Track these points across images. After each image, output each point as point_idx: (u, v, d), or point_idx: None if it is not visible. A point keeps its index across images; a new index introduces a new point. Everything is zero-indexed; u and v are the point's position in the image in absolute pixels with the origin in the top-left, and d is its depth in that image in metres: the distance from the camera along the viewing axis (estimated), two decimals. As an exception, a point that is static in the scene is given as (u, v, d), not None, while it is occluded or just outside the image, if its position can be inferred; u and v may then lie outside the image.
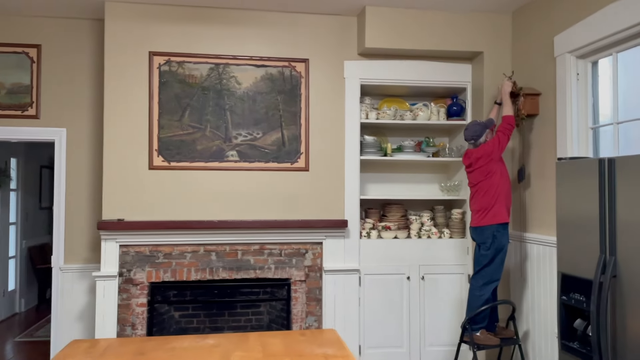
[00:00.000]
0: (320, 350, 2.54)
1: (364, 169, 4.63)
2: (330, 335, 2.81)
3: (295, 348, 2.57)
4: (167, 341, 2.72)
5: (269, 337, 2.78)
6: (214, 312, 4.47)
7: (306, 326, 4.23)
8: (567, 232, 2.30)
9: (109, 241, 3.98)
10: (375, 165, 4.71)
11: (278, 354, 2.48)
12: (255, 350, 2.54)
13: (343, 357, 2.44)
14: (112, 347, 2.62)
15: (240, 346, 2.62)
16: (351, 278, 4.27)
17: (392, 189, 4.76)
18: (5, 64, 4.34)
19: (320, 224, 4.15)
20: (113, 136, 4.05)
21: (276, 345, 2.64)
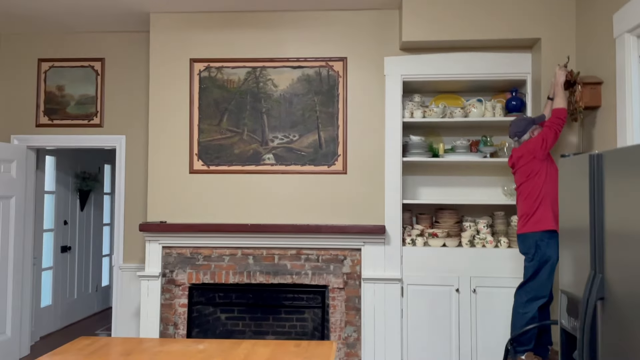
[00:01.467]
0: (300, 364, 2.38)
1: (413, 171, 4.34)
2: (324, 350, 2.63)
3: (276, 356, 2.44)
4: (160, 343, 2.74)
5: (260, 346, 2.68)
6: (258, 316, 4.47)
7: (345, 336, 4.05)
8: (567, 242, 1.89)
9: (152, 242, 4.15)
10: (427, 168, 4.38)
11: None
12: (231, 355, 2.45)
13: (318, 373, 2.26)
14: (107, 346, 2.69)
15: (225, 353, 2.55)
16: (392, 288, 4.01)
17: (446, 192, 4.40)
18: (74, 77, 4.74)
19: (355, 230, 3.96)
20: (157, 141, 4.23)
21: (262, 355, 2.53)
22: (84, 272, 6.43)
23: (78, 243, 6.31)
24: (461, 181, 4.38)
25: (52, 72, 4.75)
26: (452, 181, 4.40)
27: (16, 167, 4.58)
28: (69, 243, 6.10)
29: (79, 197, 6.36)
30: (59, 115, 4.73)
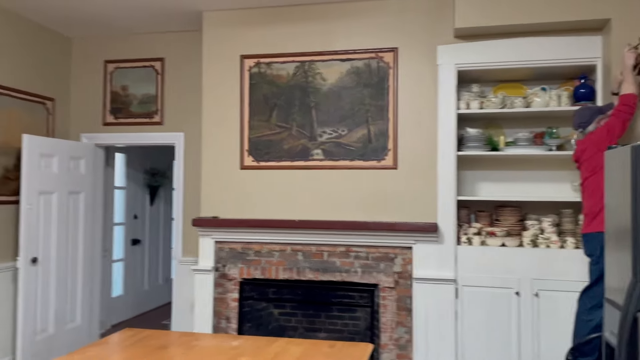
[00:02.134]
0: (328, 366, 2.31)
1: (472, 166, 4.11)
2: (358, 352, 2.53)
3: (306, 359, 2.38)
4: (197, 338, 2.77)
5: (293, 345, 2.63)
6: (310, 313, 4.43)
7: (396, 337, 3.91)
8: (612, 244, 1.65)
9: (205, 237, 4.23)
10: (487, 162, 4.13)
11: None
12: (262, 357, 2.41)
13: (344, 377, 2.17)
14: (147, 338, 2.76)
15: (256, 351, 2.52)
16: (446, 289, 3.81)
17: (507, 188, 4.12)
18: (136, 77, 4.93)
19: (405, 227, 3.80)
20: (210, 138, 4.29)
21: (292, 354, 2.47)
22: (154, 265, 6.72)
23: (148, 236, 6.60)
24: (524, 176, 4.09)
25: (117, 73, 4.97)
26: (514, 176, 4.11)
27: (85, 164, 4.84)
28: (139, 236, 6.39)
29: (149, 192, 6.64)
30: (123, 114, 4.95)
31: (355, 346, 2.63)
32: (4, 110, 4.22)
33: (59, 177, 4.50)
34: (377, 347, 3.96)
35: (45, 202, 4.36)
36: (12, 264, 4.24)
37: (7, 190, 4.24)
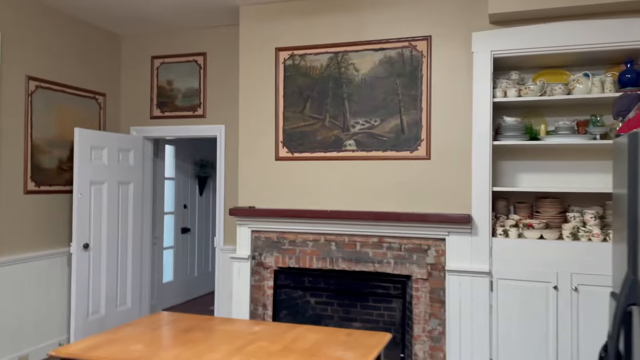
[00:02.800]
0: (341, 353, 2.34)
1: (512, 156, 4.00)
2: (374, 341, 2.55)
3: (321, 347, 2.43)
4: (222, 322, 2.87)
5: (312, 332, 2.68)
6: (346, 302, 4.48)
7: (429, 329, 3.88)
8: (616, 237, 1.56)
9: (242, 226, 4.36)
10: (528, 152, 3.99)
11: (295, 349, 2.38)
12: (278, 343, 2.48)
13: (353, 365, 2.20)
14: (176, 321, 2.90)
15: (274, 336, 2.60)
16: (480, 281, 3.74)
17: (548, 179, 3.97)
18: (181, 72, 5.12)
19: (437, 218, 3.75)
20: (246, 130, 4.40)
21: (307, 341, 2.53)
22: (204, 253, 6.97)
23: (197, 225, 6.85)
24: (567, 166, 3.92)
25: (163, 68, 5.18)
26: (556, 166, 3.95)
27: (133, 155, 5.09)
28: (189, 225, 6.66)
29: (198, 183, 6.89)
30: (169, 107, 5.15)
31: (372, 335, 2.65)
32: (58, 106, 4.51)
33: (108, 168, 4.77)
34: (410, 339, 3.94)
35: (95, 192, 4.63)
36: (66, 249, 4.55)
37: (61, 180, 4.54)
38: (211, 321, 2.92)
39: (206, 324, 2.86)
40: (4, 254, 3.97)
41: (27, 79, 4.20)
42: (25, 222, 4.17)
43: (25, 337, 4.16)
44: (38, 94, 4.30)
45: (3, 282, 3.95)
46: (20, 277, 4.10)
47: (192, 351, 2.36)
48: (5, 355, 3.98)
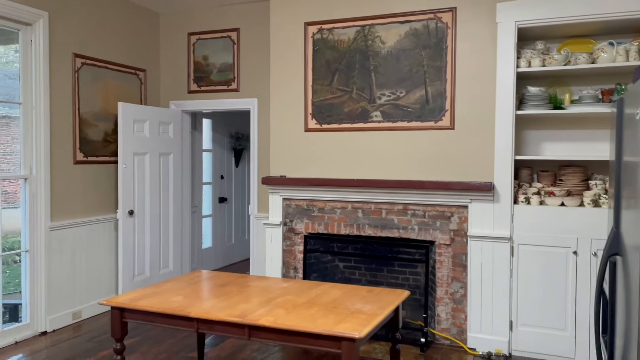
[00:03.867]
0: (360, 306, 2.56)
1: (536, 126, 4.08)
2: (393, 297, 2.76)
3: (343, 300, 2.65)
4: (254, 279, 3.14)
5: (335, 289, 2.91)
6: (373, 267, 4.70)
7: (452, 292, 4.06)
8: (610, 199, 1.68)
9: (274, 194, 4.60)
10: (551, 122, 4.06)
11: (318, 302, 2.61)
12: (304, 296, 2.72)
13: (371, 314, 2.42)
14: (214, 278, 3.18)
15: (300, 291, 2.83)
16: (501, 246, 3.88)
17: (571, 148, 4.03)
18: (216, 47, 5.34)
19: (459, 186, 3.89)
20: (277, 103, 4.60)
21: (331, 295, 2.76)
22: (240, 221, 7.30)
23: (234, 195, 7.16)
24: (591, 135, 3.97)
25: (199, 44, 5.41)
26: (580, 135, 4.01)
27: (173, 128, 5.39)
28: (226, 195, 6.97)
29: (234, 155, 7.17)
30: (205, 82, 5.40)
31: (391, 292, 2.85)
32: (102, 81, 4.82)
33: (150, 140, 5.07)
34: (433, 301, 4.13)
35: (139, 162, 4.95)
36: (113, 215, 4.91)
37: (107, 151, 4.88)
38: (244, 278, 3.18)
39: (240, 280, 3.13)
40: (58, 219, 4.35)
41: (74, 57, 4.50)
42: (75, 190, 4.53)
43: (79, 295, 4.56)
44: (84, 71, 4.61)
45: (58, 244, 4.33)
46: (73, 241, 4.48)
47: (226, 302, 2.62)
48: (61, 310, 4.39)
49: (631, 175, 1.30)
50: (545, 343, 3.77)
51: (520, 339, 3.84)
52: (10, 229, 4.34)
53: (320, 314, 2.41)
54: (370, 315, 2.41)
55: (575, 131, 4.01)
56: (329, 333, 2.21)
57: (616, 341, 1.53)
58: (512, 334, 3.87)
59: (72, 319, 4.47)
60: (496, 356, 3.82)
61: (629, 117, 1.43)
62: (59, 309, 4.37)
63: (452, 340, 4.03)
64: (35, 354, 3.81)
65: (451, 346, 4.00)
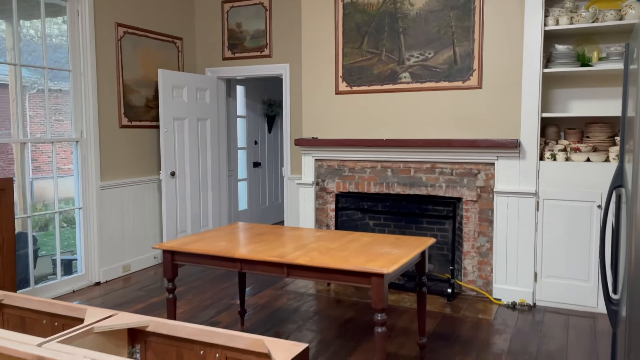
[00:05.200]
0: (388, 250, 2.77)
1: (563, 84, 4.14)
2: (418, 243, 2.96)
3: (372, 246, 2.86)
4: (289, 230, 3.38)
5: (365, 237, 3.12)
6: (402, 224, 4.89)
7: (478, 245, 4.24)
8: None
9: (307, 156, 4.81)
10: (579, 80, 4.11)
11: (350, 247, 2.83)
12: (336, 242, 2.95)
13: (398, 256, 2.63)
14: (252, 229, 3.43)
15: (333, 238, 3.06)
16: (527, 201, 4.01)
17: (598, 105, 4.09)
18: (248, 14, 5.51)
19: (486, 144, 4.01)
20: (309, 67, 4.77)
21: (361, 242, 2.97)
22: (273, 185, 7.57)
23: (267, 160, 7.42)
24: (618, 92, 4.01)
25: (232, 12, 5.59)
26: (607, 93, 4.06)
27: (209, 94, 5.63)
28: (260, 160, 7.23)
29: (267, 121, 7.40)
30: (239, 49, 5.60)
31: (419, 239, 3.05)
32: (143, 49, 5.07)
33: (188, 105, 5.33)
34: (460, 255, 4.32)
35: (178, 127, 5.23)
36: (156, 177, 5.23)
37: (149, 116, 5.16)
38: (281, 229, 3.43)
39: (276, 230, 3.38)
40: (107, 179, 4.67)
41: (117, 26, 4.75)
42: (121, 152, 4.84)
43: (127, 250, 4.92)
44: (126, 39, 4.86)
45: (107, 203, 4.67)
46: (121, 200, 4.82)
47: (265, 247, 2.87)
48: (113, 263, 4.76)
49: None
50: (568, 294, 3.93)
51: (544, 290, 4.01)
52: (62, 197, 4.70)
53: (352, 255, 2.63)
54: (397, 257, 2.62)
55: (602, 89, 4.06)
56: (359, 269, 2.43)
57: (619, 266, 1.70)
58: (537, 285, 4.04)
59: (122, 271, 4.84)
60: (520, 306, 3.99)
61: (633, 72, 1.56)
62: (111, 262, 4.74)
63: (478, 291, 4.22)
64: (92, 300, 4.18)
65: (477, 297, 4.20)
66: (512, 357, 3.07)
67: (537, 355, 3.10)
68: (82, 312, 1.60)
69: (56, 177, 4.45)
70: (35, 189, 7.71)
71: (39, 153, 8.03)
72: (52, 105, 5.00)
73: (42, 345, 1.31)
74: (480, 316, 3.78)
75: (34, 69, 5.15)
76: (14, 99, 6.40)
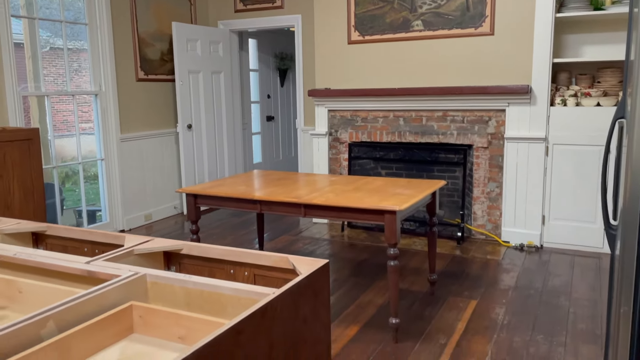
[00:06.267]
0: (400, 191, 2.90)
1: (575, 29, 4.14)
2: (428, 186, 3.08)
3: (385, 187, 2.99)
4: (306, 175, 3.51)
5: (377, 181, 3.25)
6: (413, 173, 5.01)
7: (488, 191, 4.35)
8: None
9: (319, 106, 4.90)
10: (591, 25, 4.11)
11: (363, 189, 2.96)
12: (350, 185, 3.08)
13: (410, 195, 2.75)
14: (270, 175, 3.57)
15: (347, 182, 3.19)
16: (536, 147, 4.09)
17: (609, 50, 4.09)
18: (259, -34, 5.48)
19: (497, 90, 4.06)
20: (321, 17, 4.79)
21: (373, 184, 3.10)
22: (286, 138, 7.68)
23: (280, 114, 7.50)
24: (631, 36, 4.01)
25: (243, -37, 5.56)
26: (619, 37, 4.05)
27: (222, 47, 5.68)
28: (272, 113, 7.32)
29: (279, 74, 7.44)
30: (250, 0, 5.60)
31: (429, 182, 3.17)
32: (155, 2, 5.11)
33: (202, 58, 5.40)
34: (470, 200, 4.44)
35: (193, 80, 5.31)
36: (173, 129, 5.36)
37: (164, 70, 5.25)
38: (296, 175, 3.57)
39: (292, 176, 3.51)
40: (126, 132, 4.82)
41: (129, -21, 4.78)
42: (139, 105, 4.96)
43: (148, 201, 5.11)
44: (139, -7, 4.90)
45: (128, 155, 4.83)
46: (140, 152, 4.97)
47: (282, 189, 3.01)
48: (135, 212, 4.96)
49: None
50: (575, 235, 4.05)
51: (551, 232, 4.14)
52: (82, 154, 4.85)
53: (365, 196, 2.76)
54: (409, 196, 2.74)
55: (614, 33, 4.06)
56: (373, 207, 2.57)
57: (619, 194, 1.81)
58: (544, 227, 4.17)
59: (144, 220, 5.05)
60: (528, 247, 4.14)
61: (636, 16, 1.62)
62: (133, 211, 4.94)
63: (487, 234, 4.37)
64: (118, 246, 4.39)
65: (486, 240, 4.34)
66: (519, 292, 3.23)
67: (543, 290, 3.25)
68: (120, 239, 1.76)
69: (78, 125, 4.59)
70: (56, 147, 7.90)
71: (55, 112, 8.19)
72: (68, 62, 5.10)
73: (89, 263, 1.47)
74: (489, 257, 3.93)
75: (48, 26, 5.23)
76: (30, 56, 6.51)
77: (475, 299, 3.13)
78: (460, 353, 2.50)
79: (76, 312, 1.13)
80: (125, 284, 1.27)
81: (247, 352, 1.04)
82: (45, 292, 1.33)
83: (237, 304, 1.25)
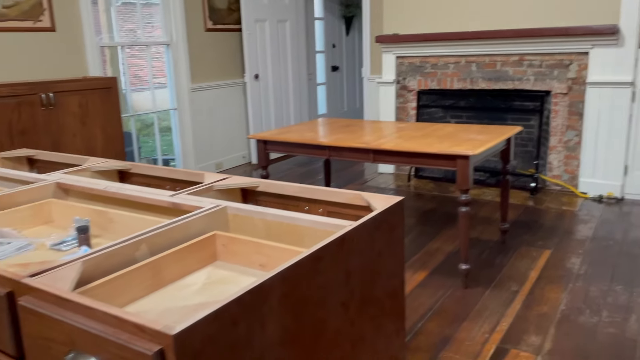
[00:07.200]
0: (473, 136, 2.81)
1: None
2: (504, 130, 2.96)
3: (457, 133, 2.91)
4: (373, 122, 3.47)
5: (448, 127, 3.16)
6: (485, 121, 4.83)
7: (566, 140, 4.14)
8: None
9: (387, 53, 4.78)
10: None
11: (434, 135, 2.90)
12: (420, 131, 3.02)
13: (483, 140, 2.67)
14: (336, 122, 3.56)
15: (417, 128, 3.13)
16: (622, 92, 3.82)
17: None
18: None
19: (580, 31, 3.79)
20: (390, -42, 4.60)
21: (444, 131, 3.03)
22: (352, 89, 7.60)
23: (345, 64, 7.40)
24: None
25: None
26: None
27: (288, -5, 5.61)
28: (338, 63, 7.23)
29: (345, 22, 7.29)
30: (316, -55, 5.45)
31: (503, 127, 3.05)
32: (222, -49, 5.09)
33: (268, 7, 5.37)
34: (546, 150, 4.25)
35: (260, 29, 5.31)
36: (241, 80, 5.43)
37: (231, 19, 5.27)
38: (363, 122, 3.53)
39: (360, 122, 3.48)
40: (197, 82, 4.93)
41: None
42: (208, 55, 5.03)
43: (218, 150, 5.26)
44: (206, -59, 4.89)
45: (198, 104, 4.96)
46: (210, 102, 5.08)
47: (351, 135, 3.00)
48: (206, 161, 5.13)
49: None
50: (661, 187, 3.81)
51: (634, 183, 3.90)
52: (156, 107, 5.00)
53: (436, 142, 2.70)
54: (482, 141, 2.66)
55: None
56: (445, 152, 2.51)
57: None
58: (626, 178, 3.93)
59: (215, 168, 5.22)
60: (607, 199, 3.94)
61: None
62: (205, 160, 5.11)
63: (563, 185, 4.18)
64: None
65: (562, 191, 4.17)
66: (597, 243, 3.11)
67: (623, 241, 3.10)
68: (200, 177, 1.82)
69: (151, 74, 4.74)
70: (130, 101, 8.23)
71: (128, 67, 8.48)
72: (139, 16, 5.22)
73: (173, 196, 1.53)
74: (564, 208, 3.78)
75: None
76: (105, 9, 6.72)
77: (549, 249, 3.04)
78: (533, 300, 2.46)
79: (166, 237, 1.20)
80: (208, 214, 1.32)
81: (326, 278, 1.07)
82: (134, 221, 1.41)
83: (314, 235, 1.28)
